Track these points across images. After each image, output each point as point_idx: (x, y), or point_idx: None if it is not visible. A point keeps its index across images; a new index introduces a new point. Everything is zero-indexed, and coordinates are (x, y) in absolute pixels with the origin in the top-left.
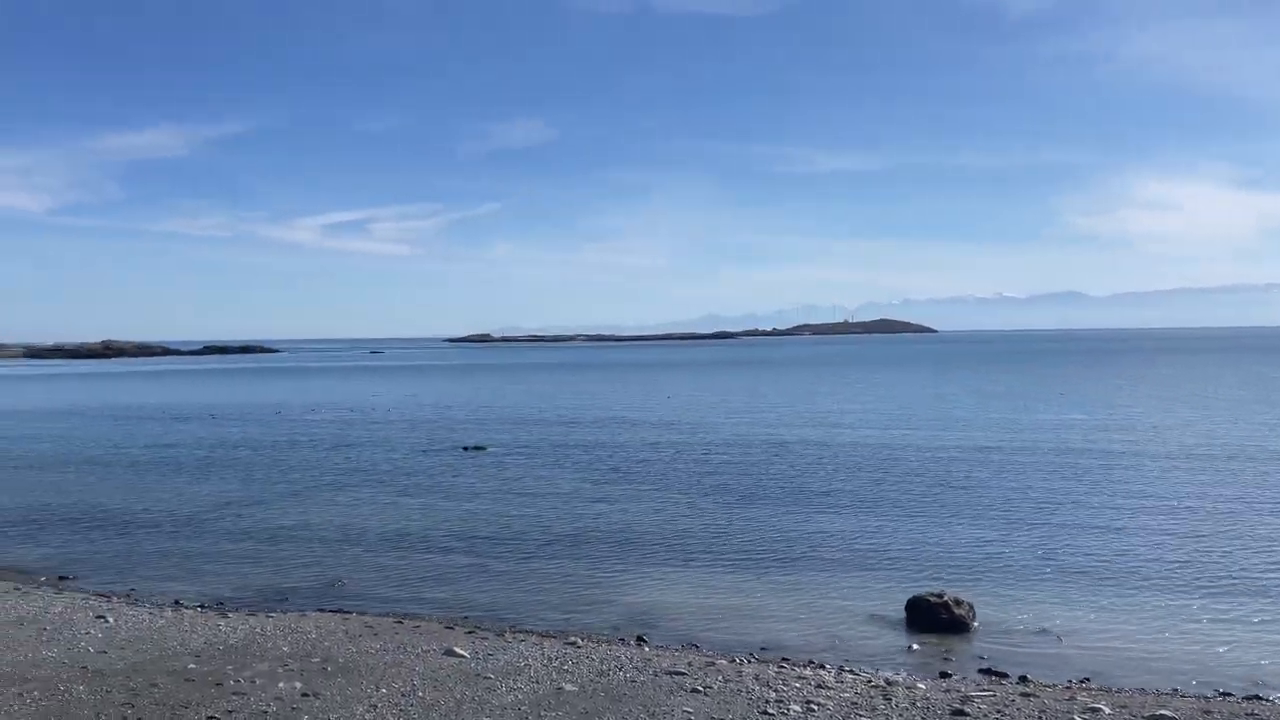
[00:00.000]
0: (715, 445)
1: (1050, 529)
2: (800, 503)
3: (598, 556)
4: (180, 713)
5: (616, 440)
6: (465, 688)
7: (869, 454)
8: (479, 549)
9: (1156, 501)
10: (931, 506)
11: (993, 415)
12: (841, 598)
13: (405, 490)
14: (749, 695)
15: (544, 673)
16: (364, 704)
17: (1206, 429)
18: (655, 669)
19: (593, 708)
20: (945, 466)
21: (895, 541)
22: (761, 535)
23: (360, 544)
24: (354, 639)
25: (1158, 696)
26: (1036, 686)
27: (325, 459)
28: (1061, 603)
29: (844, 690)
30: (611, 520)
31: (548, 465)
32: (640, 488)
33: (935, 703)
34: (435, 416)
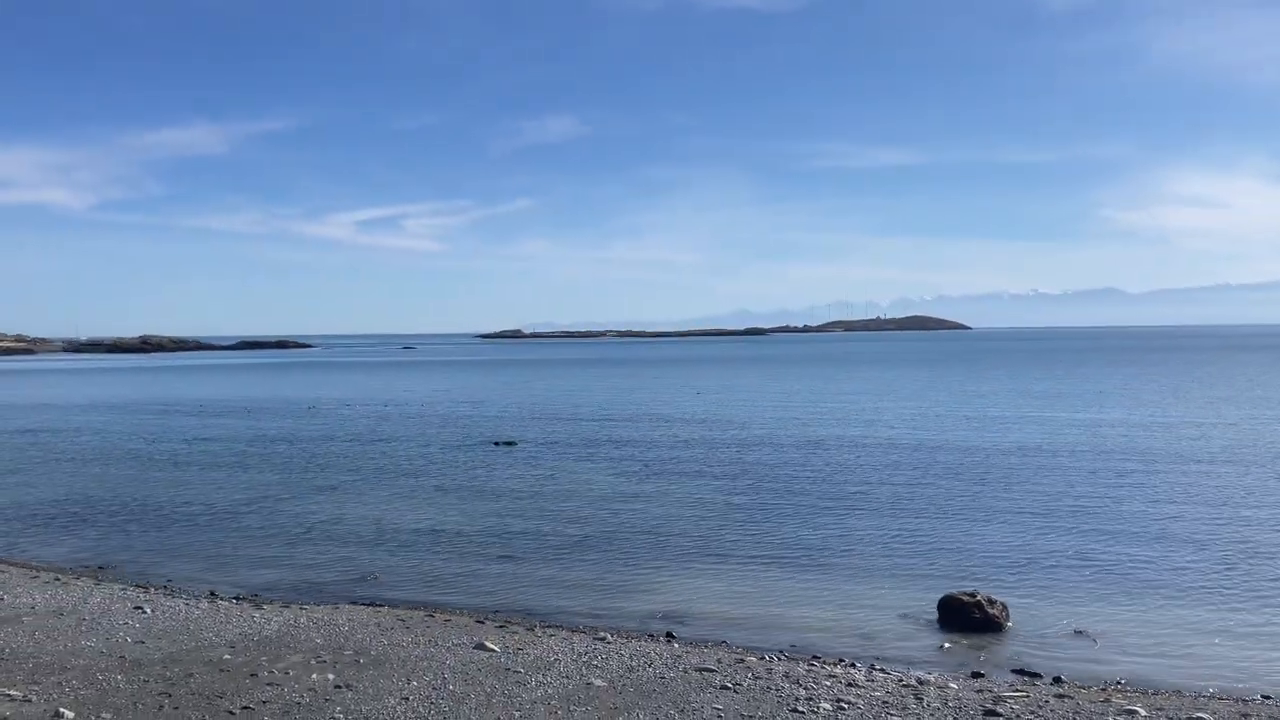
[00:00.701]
0: (746, 442)
1: (1087, 530)
2: (832, 500)
3: (628, 552)
4: (215, 703)
5: (646, 436)
6: (495, 682)
7: (902, 452)
8: (510, 544)
9: (1198, 504)
10: (966, 506)
11: (1029, 414)
12: (873, 596)
13: (437, 485)
14: (779, 693)
15: (573, 668)
16: (395, 696)
17: (1251, 430)
18: (685, 665)
19: (622, 703)
20: (980, 465)
21: (928, 540)
22: (792, 533)
23: (393, 538)
24: (386, 632)
25: (1195, 699)
26: (1071, 688)
27: (358, 453)
28: (1098, 605)
29: (875, 689)
30: (641, 516)
31: (578, 460)
32: (670, 484)
33: (967, 703)
34: (467, 412)
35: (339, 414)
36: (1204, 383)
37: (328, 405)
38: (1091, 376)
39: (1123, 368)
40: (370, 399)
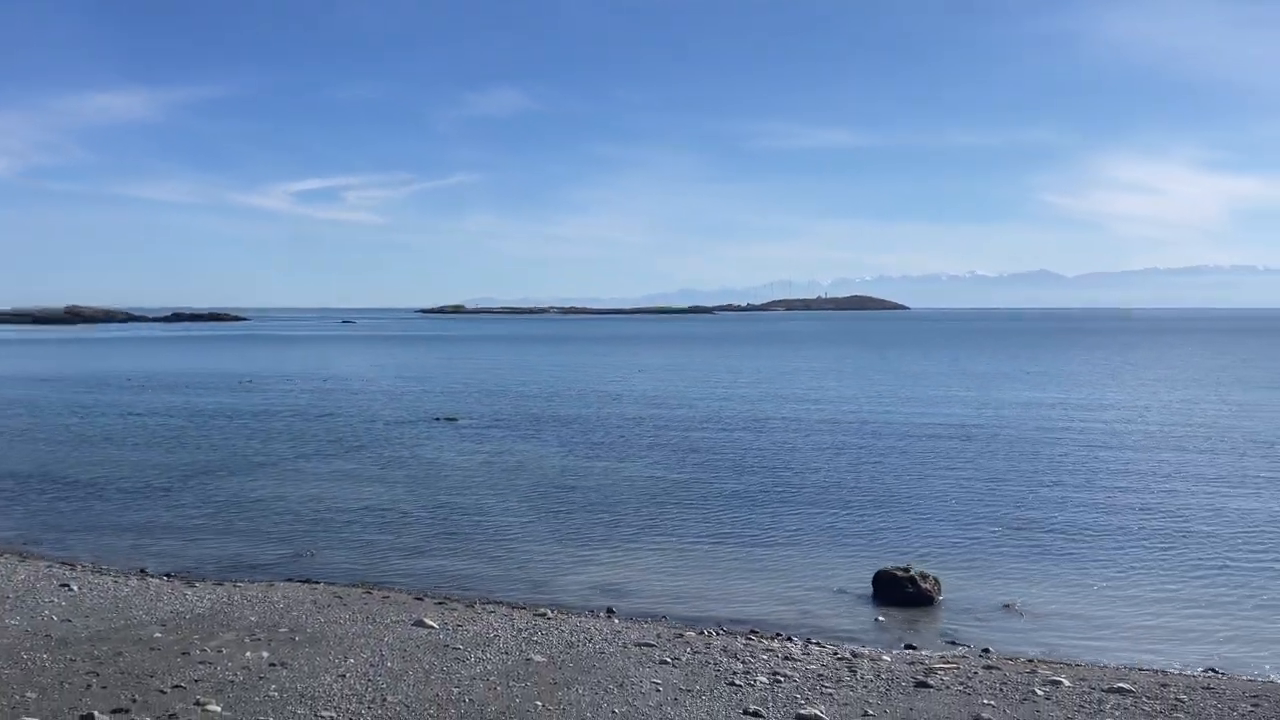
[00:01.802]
0: (687, 420)
1: (1019, 508)
2: (772, 478)
3: (568, 529)
4: (146, 682)
5: (589, 413)
6: (434, 658)
7: (842, 431)
8: (450, 521)
9: (1129, 483)
10: (903, 483)
11: (967, 394)
12: (810, 571)
13: (377, 461)
14: (717, 667)
15: (513, 644)
16: (332, 674)
17: (1179, 409)
18: (624, 640)
19: (561, 678)
20: (918, 444)
21: (864, 516)
22: (731, 509)
23: (330, 515)
24: (322, 609)
25: (1116, 670)
26: (999, 659)
27: (296, 429)
28: (1025, 578)
29: (811, 662)
30: (582, 493)
31: (519, 437)
32: (612, 461)
33: (899, 674)
34: (408, 387)
35: (277, 389)
36: (1137, 365)
37: (264, 380)
38: (1028, 357)
39: (1058, 349)
40: (309, 373)
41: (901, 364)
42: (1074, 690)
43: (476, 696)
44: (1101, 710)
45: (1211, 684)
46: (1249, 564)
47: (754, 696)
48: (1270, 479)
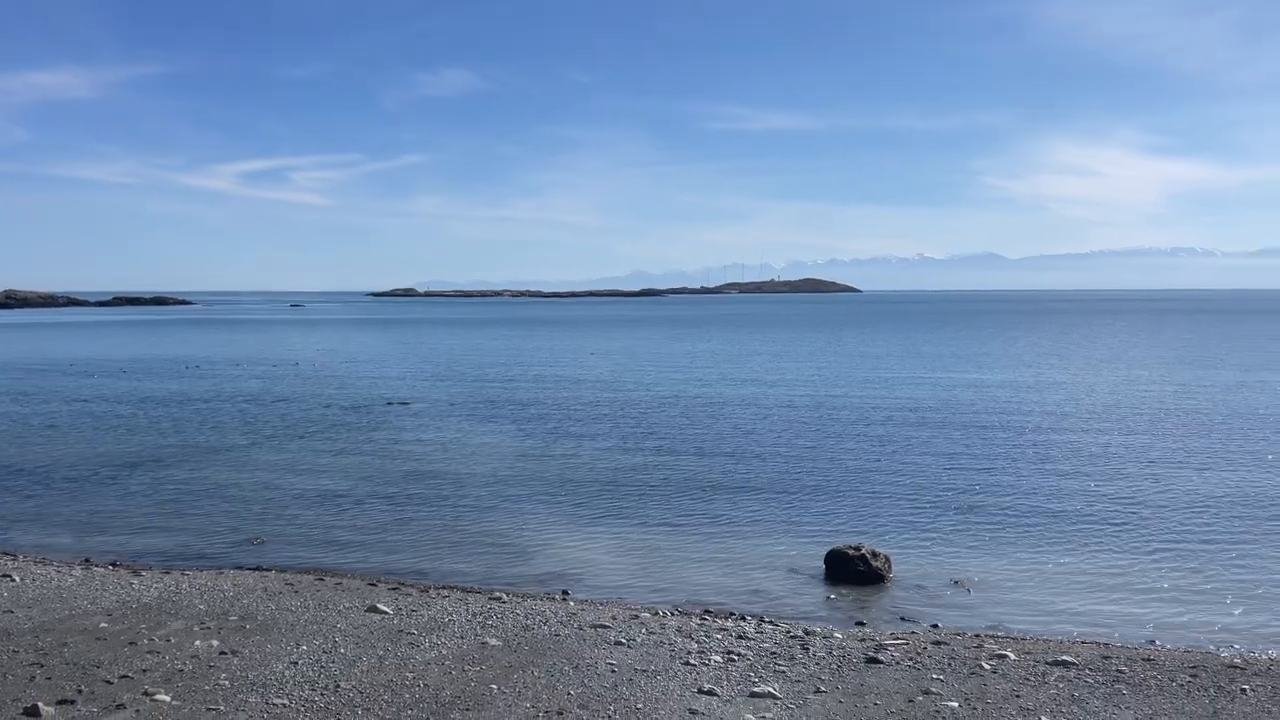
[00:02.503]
0: (641, 403)
1: (965, 484)
2: (725, 459)
3: (523, 512)
4: (92, 672)
5: (540, 397)
6: (388, 644)
7: (796, 412)
8: (403, 505)
9: (1070, 459)
10: (855, 463)
11: (916, 374)
12: (763, 551)
13: (328, 446)
14: (672, 647)
15: (468, 628)
16: (284, 661)
17: (1123, 389)
18: (580, 623)
19: (516, 661)
20: (868, 424)
21: (817, 496)
22: (685, 490)
23: (281, 501)
24: (273, 596)
25: (1060, 643)
26: (947, 635)
27: (245, 414)
28: (973, 555)
29: (764, 640)
30: (536, 476)
31: (472, 420)
32: (565, 444)
33: (851, 651)
34: (359, 371)
35: (226, 374)
36: (1082, 345)
37: (212, 364)
38: (976, 339)
39: (1005, 330)
40: (258, 358)
41: (855, 346)
42: (1019, 664)
43: (431, 681)
44: (1045, 683)
45: (1151, 656)
46: (1187, 539)
47: (708, 675)
48: (1210, 457)
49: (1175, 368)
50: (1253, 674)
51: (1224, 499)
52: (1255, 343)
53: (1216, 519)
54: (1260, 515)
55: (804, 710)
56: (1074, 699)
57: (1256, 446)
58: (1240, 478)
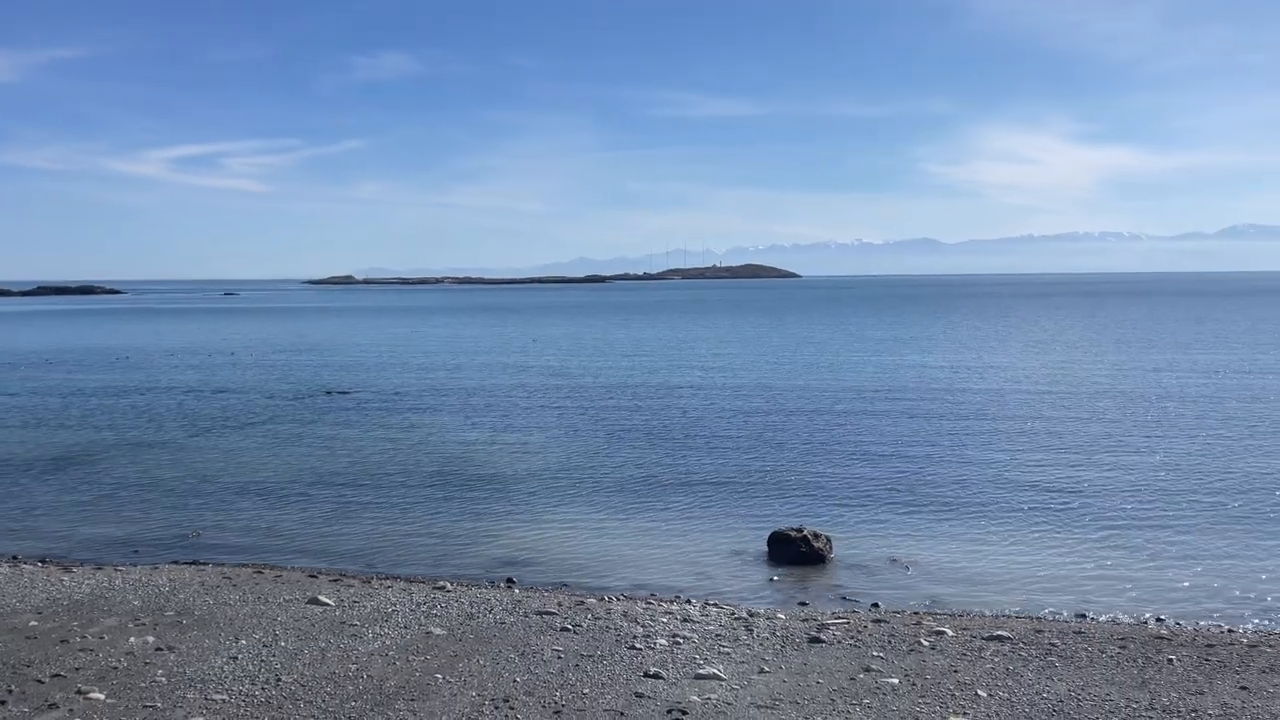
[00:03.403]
0: (584, 390)
1: (906, 466)
2: (669, 444)
3: (466, 501)
4: (22, 671)
5: (482, 384)
6: (330, 636)
7: (740, 397)
8: (344, 496)
9: (1006, 439)
10: (797, 446)
11: (857, 358)
12: (707, 534)
13: (266, 437)
14: (617, 631)
15: (412, 618)
16: (223, 656)
17: (1058, 371)
18: (525, 610)
19: (462, 650)
20: (810, 408)
21: (760, 479)
22: (630, 476)
23: (218, 493)
24: (211, 591)
25: (995, 619)
26: (887, 613)
27: (180, 406)
28: (911, 534)
29: (709, 623)
30: (480, 464)
31: (413, 410)
32: (509, 432)
33: (794, 631)
34: (297, 361)
35: (159, 364)
36: (1019, 328)
37: (144, 355)
38: (917, 323)
39: (944, 314)
40: (192, 348)
41: (798, 331)
42: (956, 640)
43: (375, 672)
44: (982, 657)
45: (1082, 629)
46: (1118, 516)
47: (654, 659)
48: (1141, 437)
49: (1110, 349)
50: (1178, 644)
51: (1154, 477)
52: (1182, 324)
53: (1146, 496)
54: (1187, 492)
55: (748, 690)
56: (1009, 672)
57: (1187, 425)
58: (1169, 456)
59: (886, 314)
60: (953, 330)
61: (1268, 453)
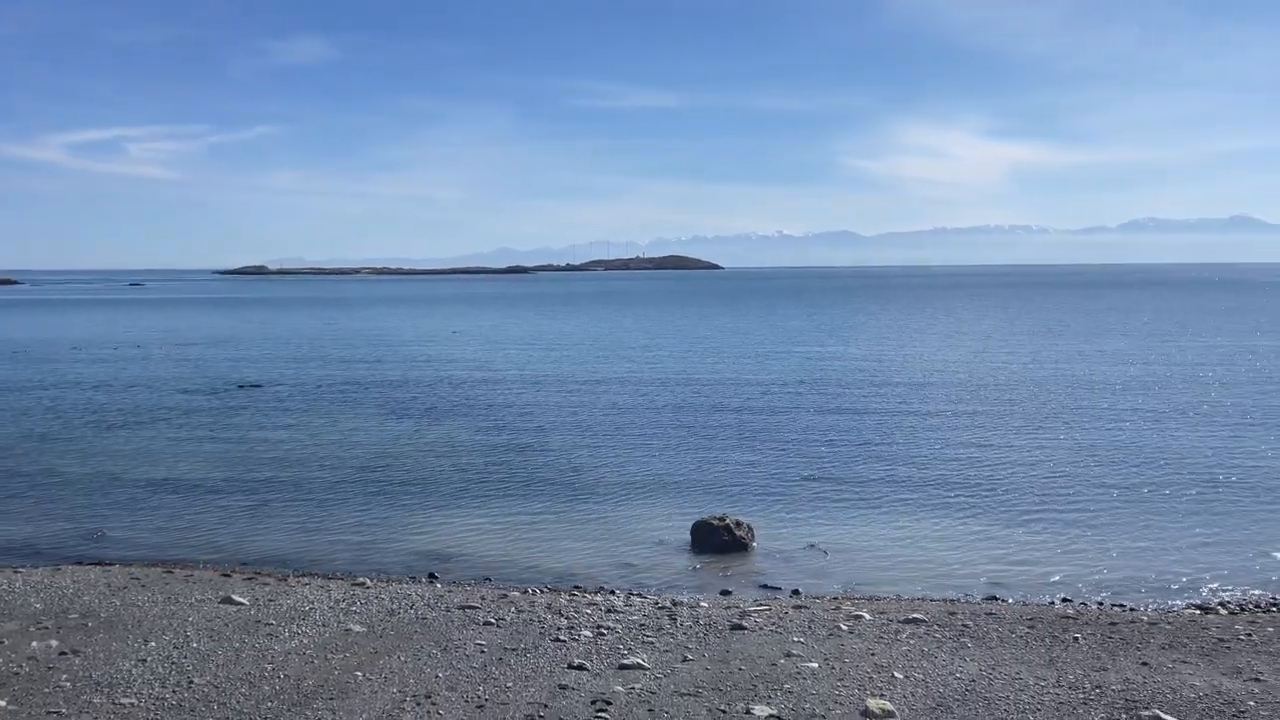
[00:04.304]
0: (507, 381)
1: (824, 453)
2: (593, 436)
3: (388, 496)
4: None
5: (401, 377)
6: (244, 636)
7: (661, 388)
8: (258, 492)
9: (920, 426)
10: (720, 435)
11: (779, 349)
12: (631, 525)
13: (175, 432)
14: (542, 624)
15: (330, 615)
16: (131, 659)
17: (975, 360)
18: (447, 604)
19: (382, 647)
20: (733, 398)
21: (684, 469)
22: (553, 468)
23: (124, 491)
24: (117, 592)
25: (910, 602)
26: (807, 599)
27: (85, 401)
28: (831, 521)
29: (633, 613)
30: (402, 459)
31: (330, 403)
32: (430, 425)
33: (717, 619)
34: (206, 354)
35: (62, 358)
36: (937, 319)
37: (48, 348)
38: (839, 313)
39: (864, 304)
40: (96, 340)
41: (722, 321)
42: (874, 623)
43: (292, 671)
44: (898, 640)
45: (994, 610)
46: (1028, 499)
47: (578, 650)
48: (1051, 422)
49: (1023, 339)
50: (1084, 623)
51: (1063, 463)
52: (1089, 315)
53: (1055, 482)
54: (1094, 477)
55: (672, 679)
56: (924, 654)
57: (1094, 413)
58: (1078, 443)
59: (809, 305)
60: (873, 321)
61: (1168, 438)
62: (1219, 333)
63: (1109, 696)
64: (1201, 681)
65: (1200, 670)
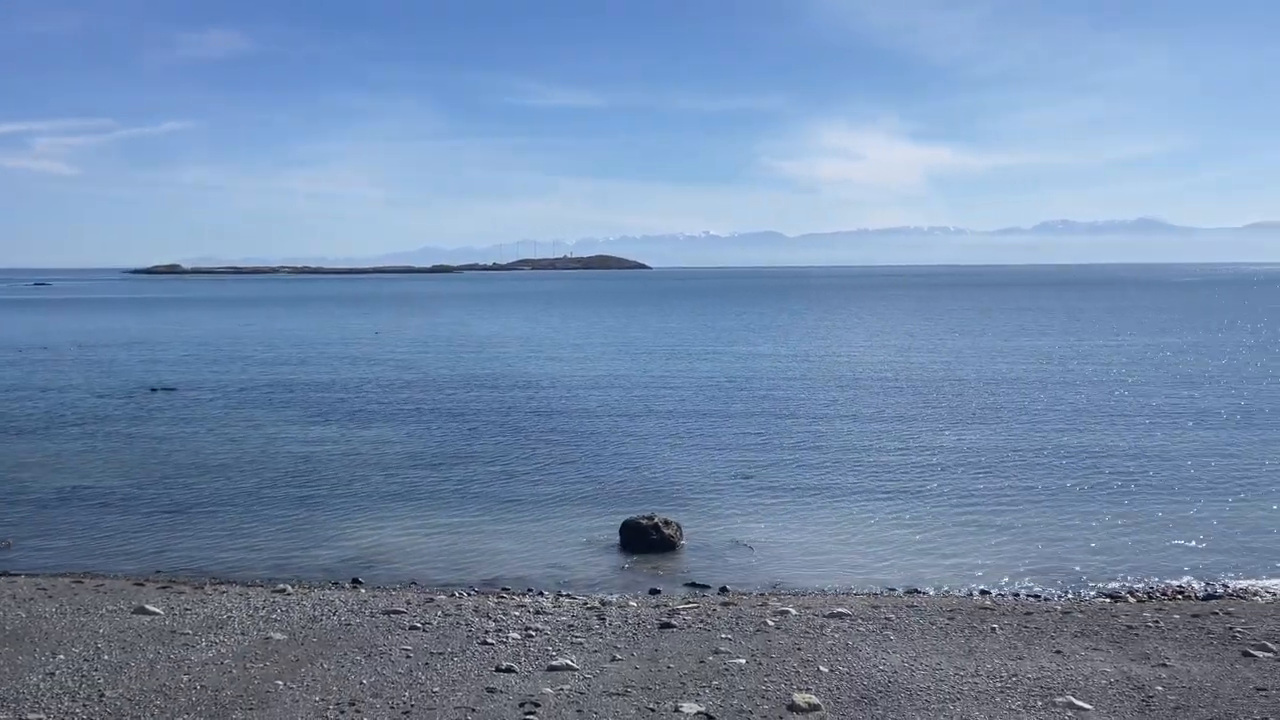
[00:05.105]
0: (433, 382)
1: (752, 451)
2: (520, 436)
3: (311, 500)
4: None
5: (322, 379)
6: (159, 646)
7: (588, 387)
8: (174, 499)
9: (845, 423)
10: (647, 434)
11: (709, 348)
12: (560, 525)
13: (84, 437)
14: (469, 627)
15: (249, 624)
16: (39, 673)
17: (899, 358)
18: (372, 610)
19: (304, 655)
20: (662, 397)
21: (612, 469)
22: (482, 470)
23: (31, 499)
24: (24, 603)
25: (835, 596)
26: (735, 596)
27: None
28: (759, 518)
29: (561, 614)
30: (324, 462)
31: (249, 406)
32: (352, 428)
33: (646, 618)
34: (118, 356)
35: None
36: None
37: None
38: (764, 313)
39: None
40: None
41: (650, 321)
42: (800, 618)
43: (209, 682)
44: (823, 634)
45: (915, 603)
46: (946, 494)
47: (506, 653)
48: (973, 418)
49: (945, 338)
50: (1001, 614)
51: (981, 457)
52: (1007, 314)
53: (974, 476)
54: (1010, 471)
55: (601, 679)
56: (848, 647)
57: (1012, 409)
58: (996, 438)
59: (737, 305)
60: (799, 321)
61: (1081, 433)
62: (1131, 332)
63: (1025, 684)
64: (1112, 668)
65: (1111, 657)
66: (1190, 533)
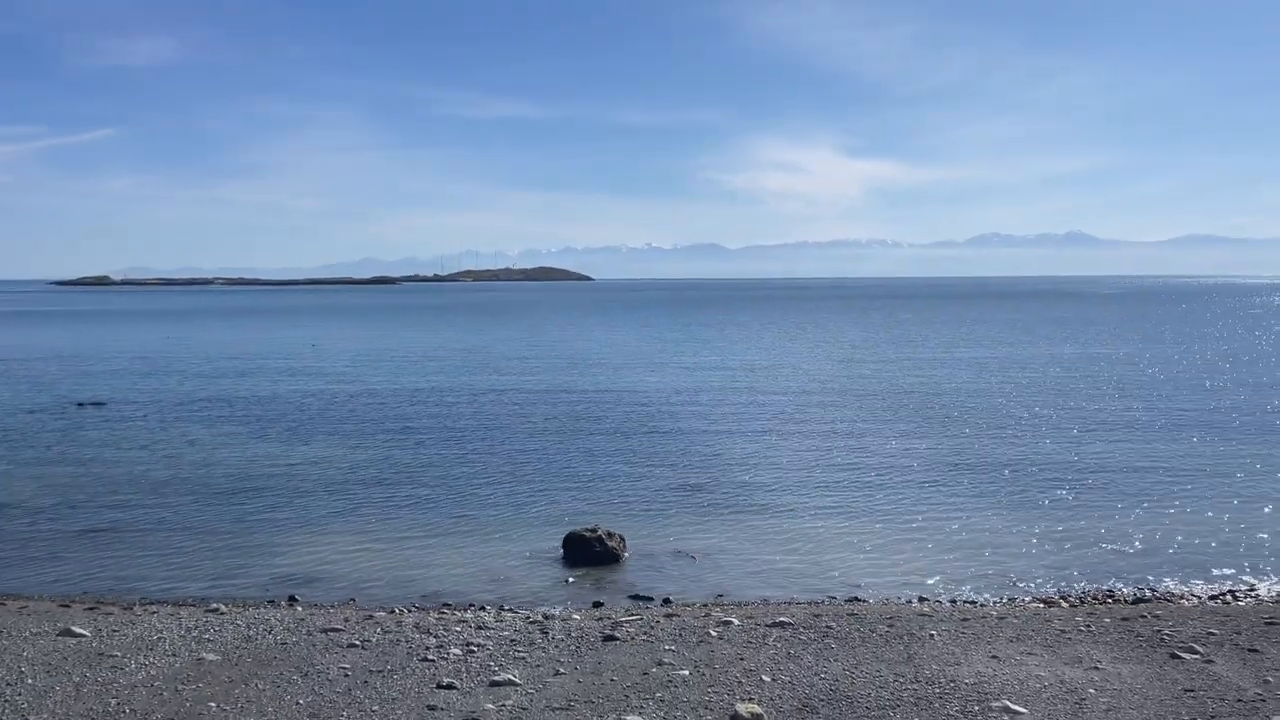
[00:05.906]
0: (372, 395)
1: (695, 463)
2: (460, 449)
3: (244, 517)
4: None
5: (257, 392)
6: (86, 669)
7: (529, 400)
8: (101, 517)
9: (787, 434)
10: (591, 446)
11: (653, 359)
12: (502, 539)
13: (10, 455)
14: (409, 644)
15: (181, 645)
16: None
17: (841, 369)
18: (309, 628)
19: (238, 675)
20: (605, 409)
21: (555, 482)
22: (423, 484)
23: None
24: None
25: (777, 606)
26: (678, 607)
27: None
28: (702, 530)
29: (504, 629)
30: (260, 478)
31: (180, 421)
32: (288, 444)
33: (589, 630)
34: (44, 370)
35: None
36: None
37: None
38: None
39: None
40: None
41: (595, 334)
42: (743, 629)
43: (139, 705)
44: (766, 644)
45: (855, 611)
46: (884, 502)
47: (447, 669)
48: (913, 427)
49: (886, 348)
50: (939, 620)
51: (920, 466)
52: (945, 325)
53: (913, 484)
54: (948, 480)
55: (544, 694)
56: (790, 656)
57: (954, 417)
58: (935, 447)
59: (682, 317)
60: (742, 332)
61: (1018, 443)
62: (1064, 342)
63: (962, 690)
64: (1046, 672)
65: (1045, 661)
66: (1120, 539)
